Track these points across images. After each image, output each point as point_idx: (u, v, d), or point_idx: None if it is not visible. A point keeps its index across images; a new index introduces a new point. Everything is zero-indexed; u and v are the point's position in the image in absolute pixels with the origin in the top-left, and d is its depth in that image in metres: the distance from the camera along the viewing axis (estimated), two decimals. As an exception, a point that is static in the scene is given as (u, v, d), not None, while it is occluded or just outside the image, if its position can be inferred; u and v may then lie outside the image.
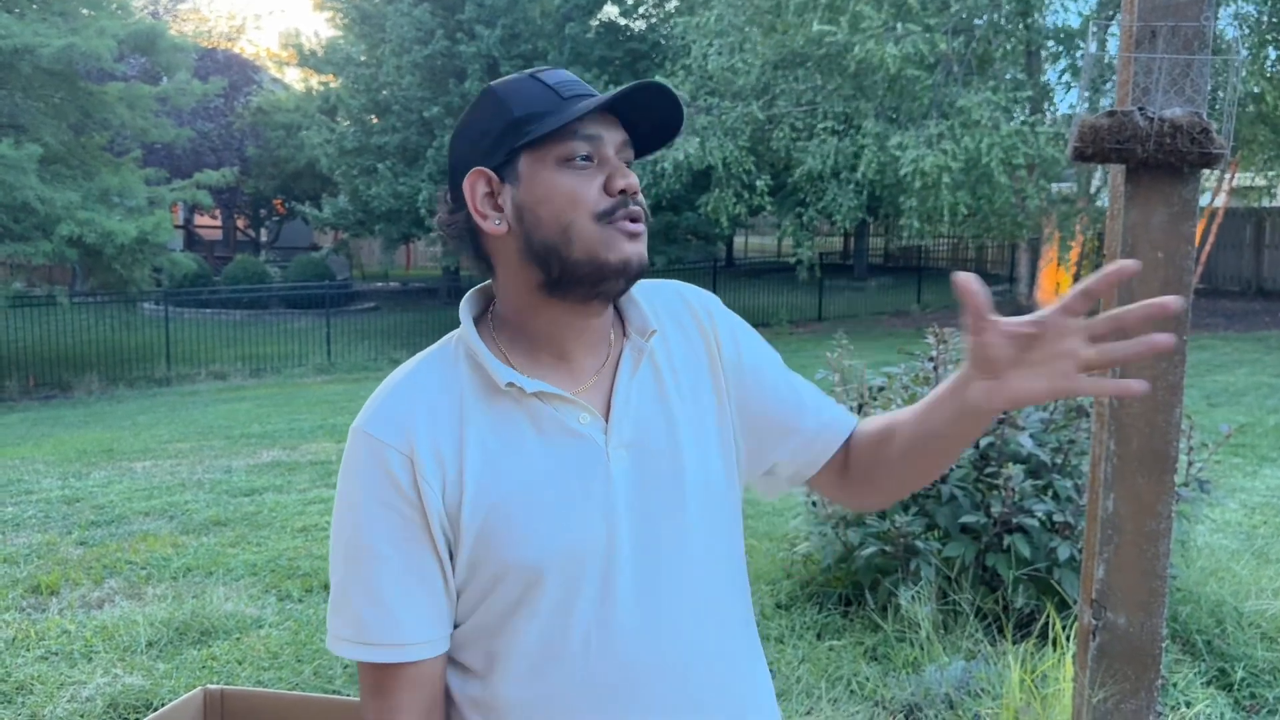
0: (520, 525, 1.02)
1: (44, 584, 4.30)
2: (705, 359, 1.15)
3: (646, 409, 1.08)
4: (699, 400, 1.12)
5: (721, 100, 14.42)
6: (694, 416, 1.11)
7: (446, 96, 17.75)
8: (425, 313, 20.15)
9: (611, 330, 1.12)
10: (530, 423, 1.05)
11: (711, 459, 1.11)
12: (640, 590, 1.05)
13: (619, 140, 1.05)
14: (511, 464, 1.03)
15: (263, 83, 27.33)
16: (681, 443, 1.08)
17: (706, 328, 1.16)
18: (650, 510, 1.06)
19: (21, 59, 13.85)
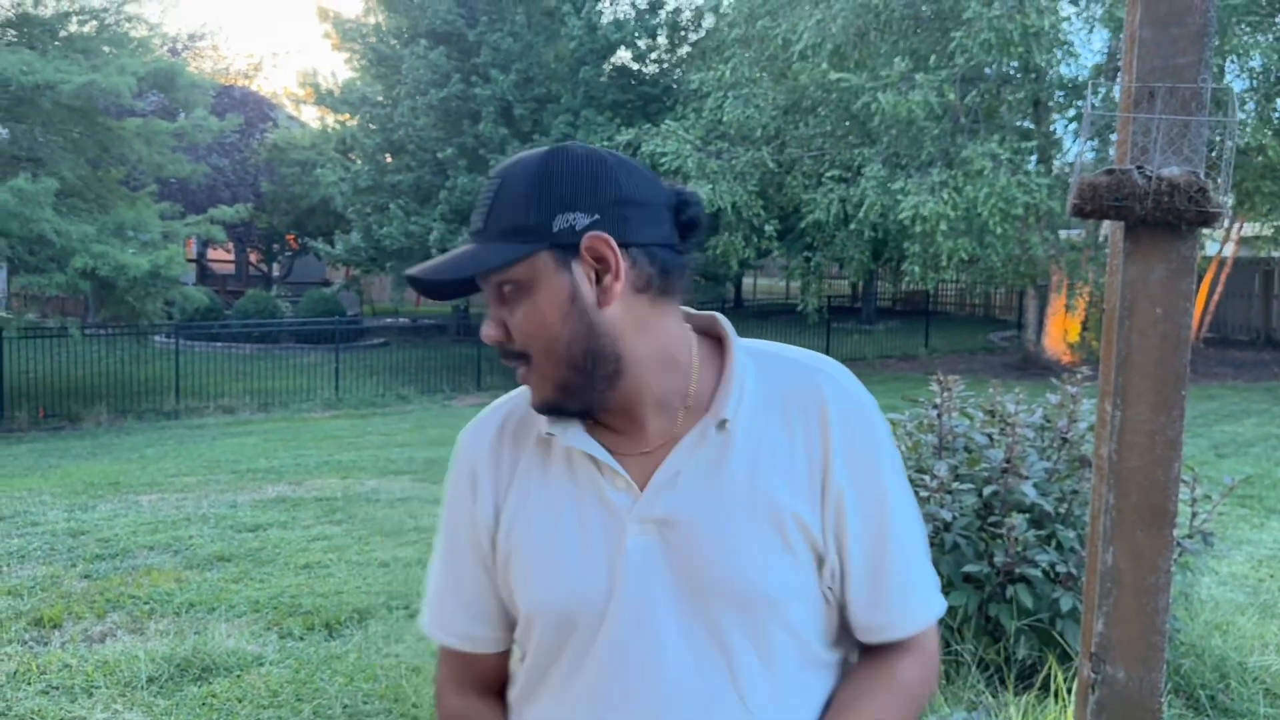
0: (526, 571, 1.07)
1: (47, 617, 4.31)
2: (806, 463, 1.04)
3: (696, 491, 1.03)
4: (776, 500, 1.02)
5: (732, 145, 14.57)
6: (760, 513, 1.02)
7: (460, 138, 17.95)
8: (434, 349, 20.22)
9: (695, 399, 1.05)
10: (568, 474, 1.07)
11: (767, 557, 1.02)
12: (611, 668, 1.03)
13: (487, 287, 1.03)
14: (539, 510, 1.07)
15: (279, 120, 27.69)
16: (728, 534, 1.02)
17: (827, 433, 1.04)
18: (664, 590, 1.02)
19: (42, 95, 14.08)
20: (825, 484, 1.04)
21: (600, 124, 17.04)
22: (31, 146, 15.39)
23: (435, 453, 9.86)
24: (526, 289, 1.00)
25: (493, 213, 1.01)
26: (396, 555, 5.40)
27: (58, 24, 16.09)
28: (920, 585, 1.09)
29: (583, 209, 0.99)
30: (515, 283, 1.00)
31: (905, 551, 1.08)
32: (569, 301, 1.00)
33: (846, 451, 1.04)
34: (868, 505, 1.05)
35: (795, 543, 1.03)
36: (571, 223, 0.99)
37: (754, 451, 1.04)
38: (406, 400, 15.97)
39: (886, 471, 1.07)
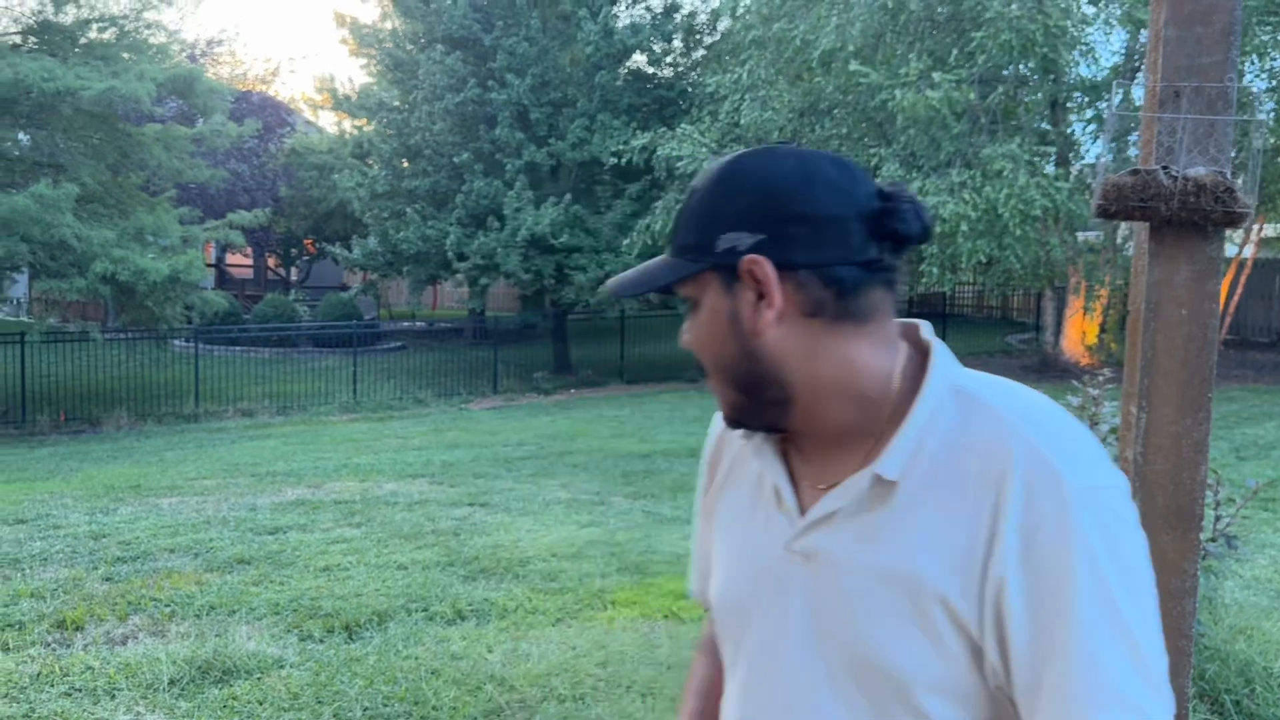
0: (716, 560, 1.12)
1: (69, 619, 4.34)
2: (967, 539, 0.90)
3: (844, 538, 0.96)
4: (922, 577, 0.91)
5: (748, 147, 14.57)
6: (901, 586, 0.92)
7: (477, 142, 18.00)
8: (451, 353, 20.28)
9: (884, 434, 0.96)
10: (757, 477, 1.07)
11: (899, 634, 0.92)
12: (750, 679, 1.04)
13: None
14: (729, 507, 1.11)
15: (296, 125, 27.84)
16: (862, 594, 0.94)
17: (1000, 508, 0.88)
18: (797, 623, 0.99)
19: (63, 101, 14.21)
20: (985, 571, 0.88)
21: (616, 128, 17.05)
22: (52, 152, 15.52)
23: (452, 456, 9.88)
24: (698, 305, 0.98)
25: (678, 224, 0.99)
26: (415, 558, 5.41)
27: (78, 31, 16.23)
28: (1107, 707, 0.85)
29: (748, 228, 0.93)
30: (691, 298, 0.99)
31: (1088, 673, 0.85)
32: (729, 324, 0.96)
33: (1021, 536, 0.87)
34: (1040, 607, 0.86)
35: (940, 627, 0.90)
36: (734, 243, 0.93)
37: (913, 514, 0.92)
38: (423, 404, 16.02)
39: (1078, 572, 0.85)
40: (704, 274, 0.96)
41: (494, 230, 17.35)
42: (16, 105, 14.36)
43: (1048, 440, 0.89)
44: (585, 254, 17.34)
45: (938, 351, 0.98)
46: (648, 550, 5.58)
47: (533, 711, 3.33)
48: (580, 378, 18.66)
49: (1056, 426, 0.91)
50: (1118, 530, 0.87)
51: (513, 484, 8.14)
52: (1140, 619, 0.86)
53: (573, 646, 3.95)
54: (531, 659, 3.80)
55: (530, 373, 18.59)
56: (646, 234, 15.11)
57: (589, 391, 17.37)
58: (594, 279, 17.23)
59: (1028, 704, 0.88)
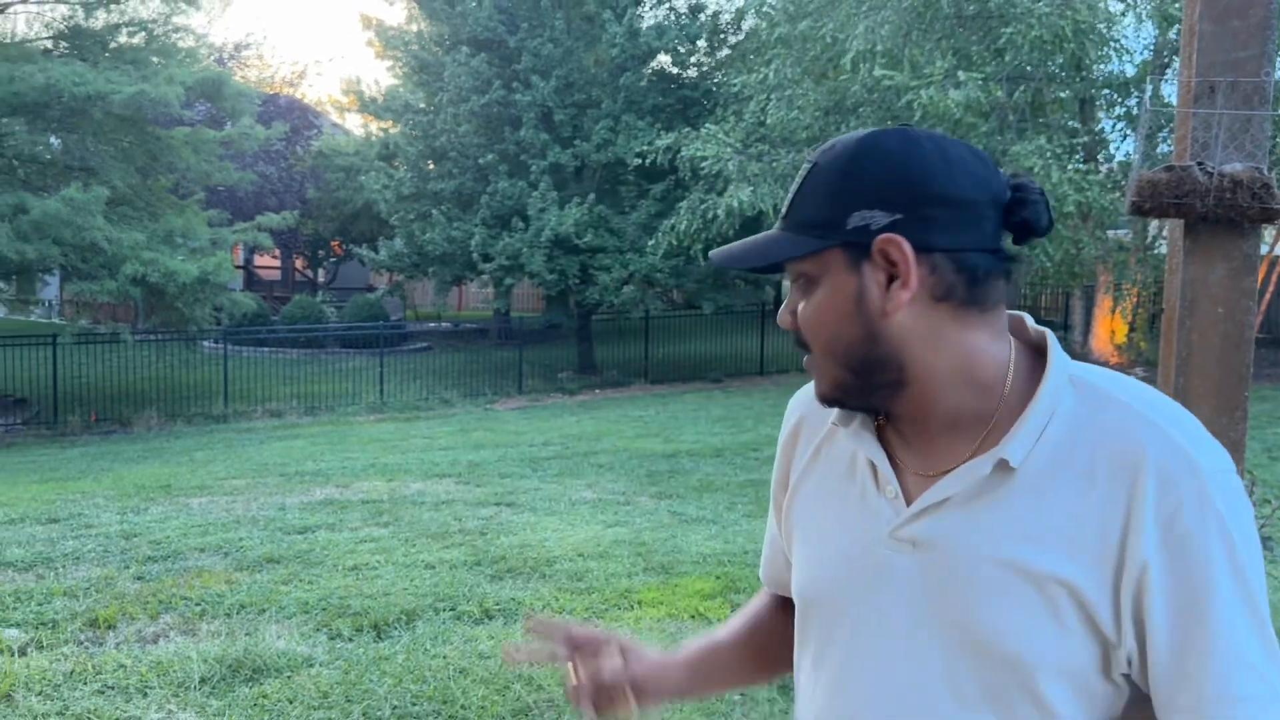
0: (796, 551, 1.11)
1: (102, 618, 4.39)
2: (1099, 528, 0.90)
3: (960, 524, 0.95)
4: (1046, 563, 0.91)
5: (774, 148, 14.52)
6: (1021, 572, 0.92)
7: (502, 144, 18.06)
8: (476, 353, 20.35)
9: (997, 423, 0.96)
10: (848, 466, 1.05)
11: (1023, 617, 0.92)
12: (843, 673, 1.03)
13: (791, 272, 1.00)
14: (813, 493, 1.09)
15: (323, 127, 28.03)
16: (982, 578, 0.93)
17: (1137, 498, 0.89)
18: (903, 611, 0.98)
19: (94, 105, 14.38)
20: (1123, 557, 0.89)
21: (641, 129, 17.05)
22: (83, 156, 15.72)
23: (478, 456, 9.92)
24: (815, 283, 0.97)
25: (796, 200, 0.98)
26: (442, 557, 5.43)
27: (108, 36, 16.43)
28: (1246, 694, 0.88)
29: (884, 207, 0.92)
30: (806, 275, 0.97)
31: (1230, 651, 0.88)
32: (853, 303, 0.95)
33: (1160, 522, 0.88)
34: (1182, 590, 0.88)
35: (1066, 614, 0.91)
36: (868, 221, 0.92)
37: (1037, 502, 0.92)
38: (449, 404, 16.09)
39: (1216, 553, 0.88)
40: (828, 251, 0.95)
41: (519, 231, 17.40)
42: (48, 109, 14.56)
43: (1180, 433, 0.91)
44: (609, 254, 17.35)
45: (1054, 342, 0.99)
46: (674, 550, 5.57)
47: (560, 712, 3.33)
48: (605, 378, 18.67)
49: (1180, 414, 0.94)
50: (1243, 510, 0.91)
51: (539, 484, 8.15)
52: (1262, 593, 0.90)
53: (599, 646, 3.96)
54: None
55: (555, 373, 18.63)
56: (671, 234, 15.09)
57: (613, 392, 17.38)
58: (618, 279, 17.24)
59: (1168, 684, 0.90)
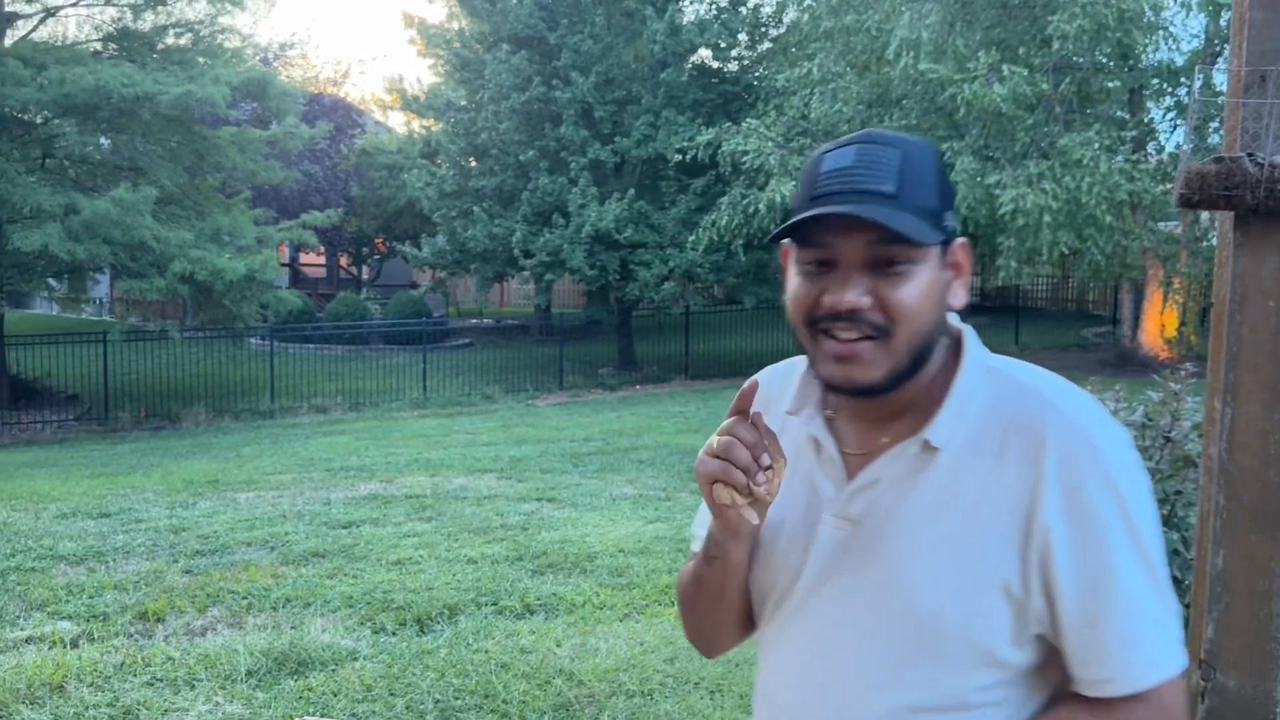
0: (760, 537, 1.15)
1: (151, 611, 4.47)
2: (1011, 500, 1.01)
3: (889, 501, 1.05)
4: (965, 535, 1.01)
5: (815, 141, 14.43)
6: (946, 543, 1.02)
7: (542, 141, 18.12)
8: (518, 349, 20.47)
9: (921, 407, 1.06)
10: (805, 446, 1.14)
11: (943, 588, 1.01)
12: (792, 656, 1.12)
13: (861, 242, 1.00)
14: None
15: (366, 126, 28.30)
16: (908, 553, 1.03)
17: (1041, 471, 1.00)
18: (842, 588, 1.07)
19: (142, 106, 14.63)
20: (1030, 525, 1.00)
21: (681, 124, 17.01)
22: (132, 156, 16.01)
23: (520, 451, 9.98)
24: (915, 270, 1.01)
25: (907, 182, 1.01)
26: (484, 552, 5.47)
27: (155, 37, 16.72)
28: (1147, 640, 1.01)
29: (954, 212, 1.06)
30: (910, 261, 1.01)
31: (1130, 605, 1.00)
32: (942, 294, 1.05)
33: (1063, 493, 0.99)
34: (1085, 552, 0.99)
35: (982, 581, 1.01)
36: (953, 225, 1.06)
37: (957, 479, 1.03)
38: (491, 400, 16.19)
39: (1114, 521, 0.99)
40: (935, 245, 1.03)
41: (559, 227, 17.45)
42: (98, 111, 14.83)
43: (1079, 410, 1.03)
44: (649, 250, 17.35)
45: (970, 335, 1.10)
46: (714, 546, 5.57)
47: (601, 707, 3.34)
48: (645, 373, 18.68)
49: (1078, 396, 1.06)
50: (1138, 480, 1.03)
51: (580, 479, 8.18)
52: (1156, 550, 1.02)
53: (641, 642, 3.96)
54: (600, 654, 3.82)
55: (596, 369, 18.67)
56: (712, 229, 15.04)
57: (654, 387, 17.39)
58: (658, 275, 17.23)
59: (1077, 636, 1.01)
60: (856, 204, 0.99)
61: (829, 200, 1.00)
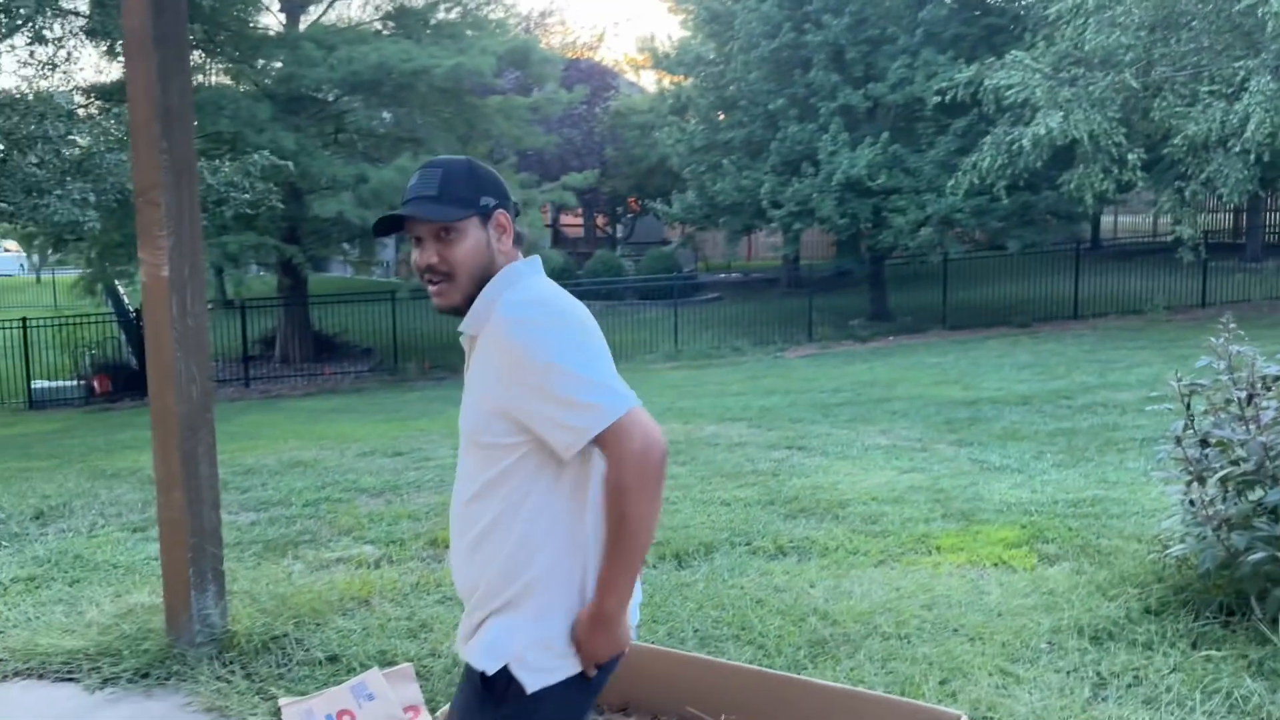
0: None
1: (440, 538, 4.91)
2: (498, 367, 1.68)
3: (469, 368, 1.78)
4: (484, 377, 1.70)
5: (1089, 70, 13.36)
6: (478, 384, 1.72)
7: (791, 88, 17.88)
8: (765, 302, 20.46)
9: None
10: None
11: (473, 409, 1.74)
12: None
13: (425, 229, 1.73)
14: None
15: (620, 87, 29.00)
16: (469, 393, 1.76)
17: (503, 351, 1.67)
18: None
19: (419, 79, 15.75)
20: (508, 379, 1.67)
21: (941, 64, 16.22)
22: (411, 127, 17.29)
23: (769, 401, 10.04)
24: (460, 236, 1.74)
25: (446, 187, 1.73)
26: (736, 495, 5.59)
27: (428, 13, 17.87)
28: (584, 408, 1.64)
29: (489, 194, 1.78)
30: (456, 231, 1.73)
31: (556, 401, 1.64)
32: (486, 247, 1.76)
33: (510, 357, 1.67)
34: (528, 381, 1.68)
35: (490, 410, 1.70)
36: (488, 201, 1.77)
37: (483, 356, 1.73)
38: (740, 352, 16.33)
39: (540, 363, 1.64)
40: (472, 218, 1.75)
41: (808, 176, 17.21)
42: (381, 86, 16.10)
43: (517, 308, 1.69)
44: (905, 195, 16.77)
45: (505, 271, 1.79)
46: (975, 498, 5.40)
47: (857, 646, 3.36)
48: (898, 324, 18.18)
49: (524, 302, 1.71)
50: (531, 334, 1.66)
51: (830, 429, 8.14)
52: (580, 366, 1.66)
53: (896, 587, 3.93)
54: (854, 597, 3.83)
55: (845, 320, 18.37)
56: (974, 172, 14.30)
57: (907, 338, 16.89)
58: (914, 221, 16.64)
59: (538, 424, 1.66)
60: (416, 206, 1.72)
61: (408, 205, 1.73)
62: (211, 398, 3.57)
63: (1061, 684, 3.02)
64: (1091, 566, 4.05)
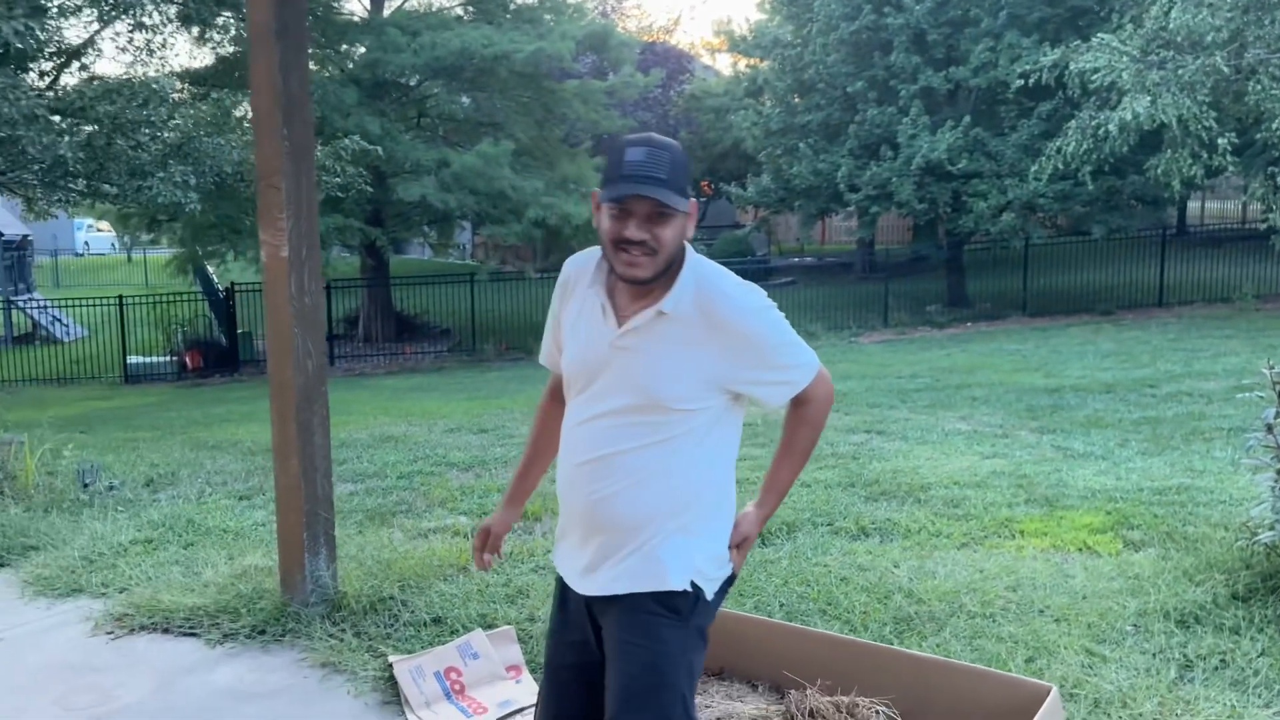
0: (566, 346, 2.03)
1: (529, 511, 5.09)
2: (706, 340, 1.89)
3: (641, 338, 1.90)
4: (687, 349, 1.89)
5: (1179, 54, 13.02)
6: (677, 355, 1.89)
7: (870, 70, 17.72)
8: (839, 287, 20.36)
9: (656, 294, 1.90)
10: (593, 306, 1.97)
11: (665, 382, 1.91)
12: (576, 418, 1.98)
13: (646, 206, 1.82)
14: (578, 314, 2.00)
15: (695, 71, 28.97)
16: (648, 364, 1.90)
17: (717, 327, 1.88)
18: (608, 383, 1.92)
19: (500, 64, 15.98)
20: (722, 348, 1.93)
21: (1025, 47, 15.92)
22: (491, 112, 17.55)
23: (845, 386, 10.05)
24: (672, 220, 1.86)
25: (674, 173, 1.84)
26: (817, 477, 5.67)
27: (508, -1, 18.10)
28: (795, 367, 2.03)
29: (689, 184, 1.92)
30: (672, 214, 1.85)
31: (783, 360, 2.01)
32: (684, 232, 1.90)
33: (732, 332, 1.91)
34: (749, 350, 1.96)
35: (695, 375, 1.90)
36: (690, 193, 1.90)
37: (677, 328, 1.91)
38: (814, 336, 16.29)
39: (764, 339, 1.96)
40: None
41: (887, 160, 17.06)
42: (462, 71, 16.37)
43: (727, 286, 1.91)
44: (985, 179, 16.53)
45: (690, 251, 1.93)
46: (1058, 484, 5.40)
47: (942, 624, 3.44)
48: (976, 310, 17.95)
49: (729, 278, 1.93)
50: (771, 318, 1.93)
51: (908, 414, 8.15)
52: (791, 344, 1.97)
53: (980, 569, 3.99)
54: (938, 577, 3.90)
55: (922, 305, 18.19)
56: (1058, 156, 14.04)
57: (986, 324, 16.68)
58: (995, 206, 16.40)
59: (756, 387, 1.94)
60: (652, 188, 1.80)
61: (643, 184, 1.80)
62: (325, 372, 3.78)
63: (1147, 665, 3.07)
64: (1178, 552, 4.06)
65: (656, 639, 1.87)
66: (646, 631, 1.88)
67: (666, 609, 1.89)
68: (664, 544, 1.90)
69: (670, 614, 1.89)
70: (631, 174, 1.80)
